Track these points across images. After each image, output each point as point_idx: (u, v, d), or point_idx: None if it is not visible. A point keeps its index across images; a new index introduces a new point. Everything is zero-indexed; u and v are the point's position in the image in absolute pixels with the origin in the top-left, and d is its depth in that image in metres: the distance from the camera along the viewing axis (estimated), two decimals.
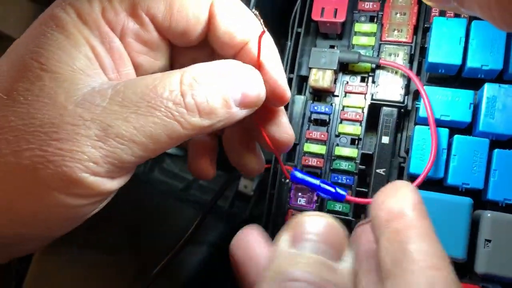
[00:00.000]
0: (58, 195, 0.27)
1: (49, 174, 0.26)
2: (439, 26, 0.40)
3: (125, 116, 0.26)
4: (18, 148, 0.26)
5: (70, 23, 0.28)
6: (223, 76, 0.29)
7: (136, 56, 0.32)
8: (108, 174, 0.28)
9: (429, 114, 0.37)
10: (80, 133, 0.26)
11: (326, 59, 0.42)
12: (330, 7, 0.43)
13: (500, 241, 0.35)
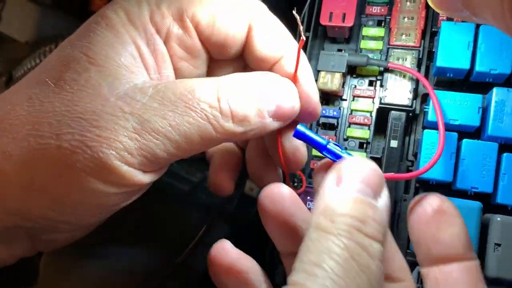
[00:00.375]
0: (92, 180, 0.28)
1: (86, 158, 0.27)
2: (447, 31, 0.40)
3: (162, 114, 0.28)
4: (59, 132, 0.27)
5: (119, 23, 0.30)
6: (259, 87, 0.31)
7: (177, 60, 0.33)
8: (141, 166, 0.29)
9: (437, 113, 0.37)
10: (119, 124, 0.27)
11: (334, 62, 0.43)
12: (338, 12, 0.43)
13: (510, 245, 0.36)
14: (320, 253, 0.25)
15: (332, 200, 0.27)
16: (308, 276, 0.24)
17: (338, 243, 0.25)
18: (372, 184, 0.28)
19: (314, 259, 0.25)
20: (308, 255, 0.25)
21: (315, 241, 0.26)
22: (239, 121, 0.30)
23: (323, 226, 0.26)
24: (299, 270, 0.25)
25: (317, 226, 0.26)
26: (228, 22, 0.32)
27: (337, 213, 0.26)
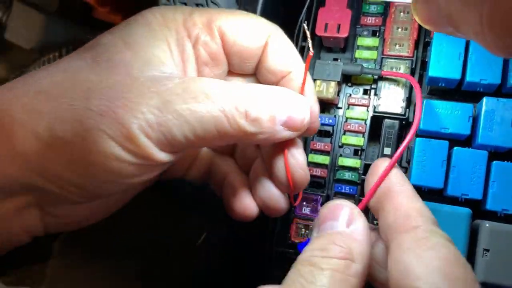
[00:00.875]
0: (112, 143, 0.30)
1: (110, 122, 0.30)
2: (439, 41, 0.41)
3: (184, 98, 0.31)
4: (89, 96, 0.30)
5: (155, 23, 0.34)
6: (274, 97, 0.33)
7: (200, 64, 0.36)
8: (158, 142, 0.31)
9: (417, 111, 0.37)
10: (145, 100, 0.30)
11: (330, 71, 0.44)
12: (333, 23, 0.44)
13: (498, 251, 0.37)
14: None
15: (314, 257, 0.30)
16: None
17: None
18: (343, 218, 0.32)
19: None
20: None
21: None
22: (252, 120, 0.32)
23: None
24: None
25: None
26: (249, 36, 0.36)
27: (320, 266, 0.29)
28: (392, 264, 0.29)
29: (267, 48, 0.37)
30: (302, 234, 0.44)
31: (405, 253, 0.29)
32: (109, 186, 0.33)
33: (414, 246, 0.29)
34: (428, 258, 0.28)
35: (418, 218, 0.31)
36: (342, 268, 0.29)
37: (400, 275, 0.28)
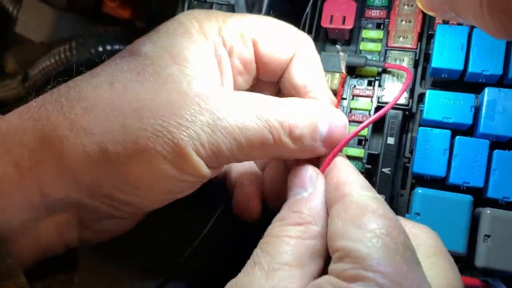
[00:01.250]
0: (167, 165, 0.31)
1: (166, 142, 0.30)
2: (442, 34, 0.42)
3: (233, 115, 0.31)
4: (142, 115, 0.30)
5: (194, 31, 0.34)
6: (317, 111, 0.34)
7: (235, 73, 0.37)
8: (207, 159, 0.32)
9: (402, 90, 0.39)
10: (197, 117, 0.30)
11: (334, 63, 0.45)
12: (339, 15, 0.45)
13: (498, 236, 0.37)
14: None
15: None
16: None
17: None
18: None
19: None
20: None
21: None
22: (295, 139, 0.33)
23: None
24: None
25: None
26: (281, 46, 0.37)
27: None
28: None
29: (294, 59, 0.38)
30: None
31: (334, 221, 0.29)
32: (156, 203, 0.34)
33: (342, 214, 0.29)
34: (345, 216, 0.29)
35: (344, 187, 0.31)
36: (298, 233, 0.30)
37: (329, 241, 0.30)
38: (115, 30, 0.57)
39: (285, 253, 0.29)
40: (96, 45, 0.55)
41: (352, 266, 0.26)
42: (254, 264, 0.29)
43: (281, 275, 0.28)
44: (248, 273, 0.29)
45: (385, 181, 0.43)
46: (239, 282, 0.29)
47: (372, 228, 0.27)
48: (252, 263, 0.30)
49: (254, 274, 0.29)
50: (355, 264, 0.26)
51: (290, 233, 0.30)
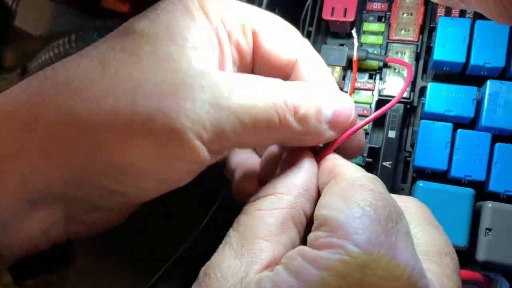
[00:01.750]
0: (163, 150, 0.28)
1: (162, 127, 0.27)
2: (444, 26, 0.42)
3: (237, 94, 0.29)
4: (136, 97, 0.27)
5: (195, 10, 0.32)
6: (320, 93, 0.33)
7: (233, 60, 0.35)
8: (209, 143, 0.28)
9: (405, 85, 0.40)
10: (197, 96, 0.28)
11: (335, 56, 0.44)
12: (340, 7, 0.45)
13: (500, 230, 0.37)
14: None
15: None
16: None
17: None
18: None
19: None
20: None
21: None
22: (300, 119, 0.31)
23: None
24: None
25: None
26: (283, 44, 0.35)
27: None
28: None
29: (300, 62, 0.36)
30: None
31: (322, 196, 0.29)
32: (148, 193, 0.31)
33: (330, 189, 0.29)
34: (333, 190, 0.28)
35: (337, 169, 0.31)
36: (267, 205, 0.29)
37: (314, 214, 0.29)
38: (114, 23, 0.57)
39: (253, 227, 0.28)
40: (96, 38, 0.55)
41: (326, 235, 0.25)
42: (224, 244, 0.29)
43: (249, 250, 0.27)
44: (220, 254, 0.28)
45: (386, 175, 0.43)
46: (211, 264, 0.28)
47: (356, 200, 0.26)
48: (224, 243, 0.29)
49: (225, 254, 0.28)
50: (329, 233, 0.25)
51: (259, 206, 0.29)
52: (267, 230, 0.28)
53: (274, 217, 0.28)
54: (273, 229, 0.28)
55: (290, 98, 0.30)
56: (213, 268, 0.28)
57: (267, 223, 0.28)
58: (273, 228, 0.28)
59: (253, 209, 0.29)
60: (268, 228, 0.28)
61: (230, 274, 0.27)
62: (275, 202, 0.29)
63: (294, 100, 0.31)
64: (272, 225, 0.28)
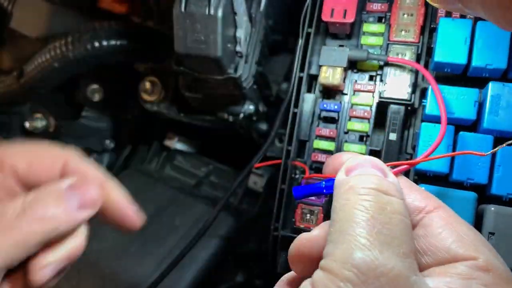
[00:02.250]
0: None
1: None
2: (445, 27, 0.41)
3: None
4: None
5: None
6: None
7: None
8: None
9: (439, 101, 0.38)
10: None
11: (336, 57, 0.44)
12: (340, 8, 0.44)
13: (503, 234, 0.37)
14: (345, 221, 0.28)
15: (348, 182, 0.30)
16: (336, 245, 0.27)
17: (360, 207, 0.28)
18: (378, 167, 0.31)
19: (339, 228, 0.28)
20: (333, 225, 0.28)
21: (339, 213, 0.28)
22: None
23: (344, 199, 0.29)
24: (328, 242, 0.28)
25: (340, 202, 0.29)
26: (43, 165, 0.38)
27: (358, 187, 0.29)
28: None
29: (68, 169, 0.38)
30: (307, 219, 0.44)
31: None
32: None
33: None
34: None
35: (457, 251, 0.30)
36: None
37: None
38: (110, 25, 0.56)
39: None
40: (92, 40, 0.55)
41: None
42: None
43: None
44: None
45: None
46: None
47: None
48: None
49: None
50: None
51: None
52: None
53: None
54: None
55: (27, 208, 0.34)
56: None
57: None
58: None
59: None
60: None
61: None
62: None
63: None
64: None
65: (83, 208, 0.35)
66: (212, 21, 0.44)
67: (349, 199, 0.29)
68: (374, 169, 0.31)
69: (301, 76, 0.46)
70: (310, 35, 0.46)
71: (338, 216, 0.29)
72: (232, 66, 0.49)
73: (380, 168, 0.31)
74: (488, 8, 0.22)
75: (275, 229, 0.45)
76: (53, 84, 0.59)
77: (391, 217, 0.28)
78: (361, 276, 0.26)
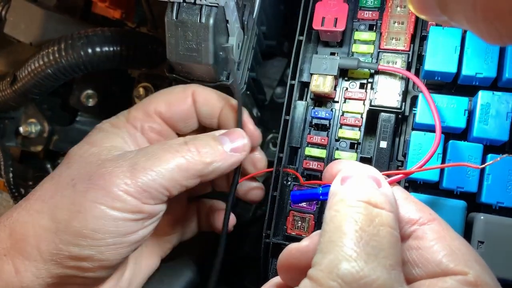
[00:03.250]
0: (102, 207, 0.37)
1: (96, 191, 0.38)
2: (436, 35, 0.41)
3: (148, 157, 0.40)
4: (76, 180, 0.40)
5: (107, 128, 0.45)
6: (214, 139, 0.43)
7: (153, 141, 0.47)
8: (140, 196, 0.38)
9: (433, 110, 0.39)
10: (117, 167, 0.39)
11: (326, 65, 0.44)
12: (330, 17, 0.44)
13: (492, 243, 0.37)
14: (334, 231, 0.29)
15: (340, 192, 0.31)
16: (324, 254, 0.28)
17: (350, 218, 0.29)
18: (373, 177, 0.32)
19: (328, 238, 0.29)
20: (323, 235, 0.29)
21: (329, 223, 0.30)
22: (203, 156, 0.41)
23: (335, 210, 0.30)
24: (318, 252, 0.29)
25: (331, 212, 0.30)
26: (178, 103, 0.46)
27: (349, 199, 0.30)
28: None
29: (196, 103, 0.47)
30: (298, 226, 0.44)
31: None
32: (113, 252, 0.39)
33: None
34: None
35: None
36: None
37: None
38: (104, 31, 0.56)
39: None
40: (86, 47, 0.54)
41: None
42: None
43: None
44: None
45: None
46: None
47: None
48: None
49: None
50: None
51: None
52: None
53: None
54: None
55: (190, 147, 0.41)
56: None
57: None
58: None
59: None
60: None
61: None
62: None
63: (197, 147, 0.41)
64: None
65: (235, 151, 0.43)
66: (203, 29, 0.44)
67: (340, 210, 0.30)
68: (369, 179, 0.31)
69: (293, 84, 0.46)
70: (301, 43, 0.46)
71: (328, 226, 0.30)
72: (224, 73, 0.49)
73: (375, 179, 0.32)
74: (473, 22, 0.22)
75: (266, 236, 0.45)
76: (47, 90, 0.59)
77: (379, 229, 0.29)
78: (345, 286, 0.27)
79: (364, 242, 0.28)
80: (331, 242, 0.28)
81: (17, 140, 0.69)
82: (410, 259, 0.31)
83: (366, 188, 0.31)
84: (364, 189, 0.31)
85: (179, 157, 0.40)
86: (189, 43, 0.45)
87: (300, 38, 0.46)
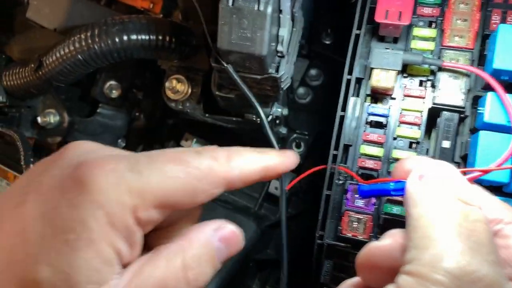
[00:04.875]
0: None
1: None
2: (505, 33, 0.40)
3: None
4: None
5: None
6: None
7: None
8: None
9: (509, 111, 0.37)
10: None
11: (389, 60, 0.42)
12: (395, 10, 0.43)
13: None
14: (428, 227, 0.28)
15: (429, 186, 0.30)
16: (421, 250, 0.27)
17: (444, 214, 0.28)
18: (454, 173, 0.31)
19: (422, 234, 0.28)
20: (415, 231, 0.28)
21: (420, 219, 0.28)
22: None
23: (424, 205, 0.29)
24: (410, 249, 0.28)
25: (420, 208, 0.29)
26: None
27: (437, 193, 0.29)
28: None
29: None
30: (354, 227, 0.42)
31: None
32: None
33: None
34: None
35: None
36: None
37: None
38: (140, 18, 0.54)
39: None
40: (121, 33, 0.52)
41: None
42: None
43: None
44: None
45: None
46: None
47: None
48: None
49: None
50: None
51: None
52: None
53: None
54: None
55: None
56: None
57: None
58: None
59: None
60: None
61: None
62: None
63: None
64: None
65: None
66: (260, 17, 0.42)
67: (430, 206, 0.29)
68: (456, 175, 0.30)
69: (349, 79, 0.44)
70: (358, 38, 0.45)
71: (419, 222, 0.29)
72: (273, 66, 0.47)
73: (456, 175, 0.30)
74: None
75: (320, 237, 0.43)
76: (74, 78, 0.56)
77: (475, 225, 0.28)
78: (455, 280, 0.26)
79: (465, 237, 0.27)
80: (426, 238, 0.27)
81: (34, 130, 0.65)
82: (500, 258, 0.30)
83: (456, 184, 0.30)
84: (453, 185, 0.30)
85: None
86: (244, 31, 0.43)
87: (357, 32, 0.45)
